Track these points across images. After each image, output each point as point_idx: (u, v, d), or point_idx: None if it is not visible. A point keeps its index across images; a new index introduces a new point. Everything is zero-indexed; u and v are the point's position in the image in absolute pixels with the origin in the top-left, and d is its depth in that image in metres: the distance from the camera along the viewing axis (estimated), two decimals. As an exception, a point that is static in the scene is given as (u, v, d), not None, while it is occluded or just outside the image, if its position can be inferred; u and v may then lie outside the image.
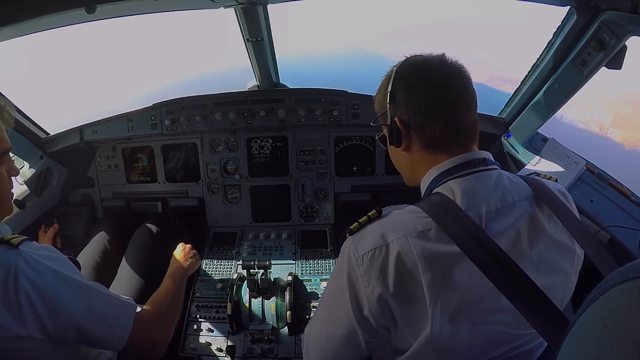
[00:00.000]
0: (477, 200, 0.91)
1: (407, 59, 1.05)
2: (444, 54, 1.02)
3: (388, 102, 1.02)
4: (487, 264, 0.82)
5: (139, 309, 1.37)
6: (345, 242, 0.98)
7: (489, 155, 1.00)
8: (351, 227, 0.98)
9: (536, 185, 0.99)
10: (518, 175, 1.02)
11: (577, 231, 0.93)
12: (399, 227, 0.91)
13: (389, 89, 1.02)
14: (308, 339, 1.13)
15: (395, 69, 1.03)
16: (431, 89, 0.97)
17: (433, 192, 0.98)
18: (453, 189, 0.93)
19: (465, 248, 0.84)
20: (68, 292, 1.16)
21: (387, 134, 1.08)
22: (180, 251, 1.89)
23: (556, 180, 1.13)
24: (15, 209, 2.18)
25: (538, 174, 1.18)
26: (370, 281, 0.89)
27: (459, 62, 1.00)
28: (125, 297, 1.38)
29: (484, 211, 0.90)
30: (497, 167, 0.99)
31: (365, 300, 0.91)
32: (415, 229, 0.89)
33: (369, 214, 0.98)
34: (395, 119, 1.01)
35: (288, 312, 1.92)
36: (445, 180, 0.96)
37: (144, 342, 1.32)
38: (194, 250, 1.93)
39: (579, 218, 0.98)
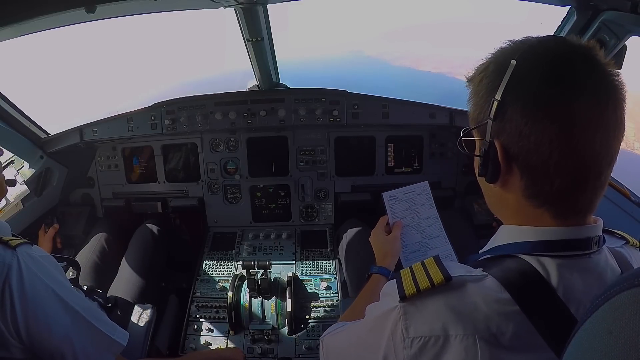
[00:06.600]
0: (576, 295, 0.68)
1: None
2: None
3: (491, 115, 0.70)
4: None
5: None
6: (391, 300, 0.74)
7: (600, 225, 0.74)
8: (404, 286, 0.72)
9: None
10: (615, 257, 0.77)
11: None
12: (468, 316, 0.67)
13: (497, 97, 0.68)
14: (328, 349, 1.01)
15: (515, 61, 0.67)
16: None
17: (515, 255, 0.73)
18: (547, 268, 0.69)
19: None
20: (56, 311, 1.14)
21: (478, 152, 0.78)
22: None
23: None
24: (15, 205, 2.20)
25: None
26: None
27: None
28: (118, 331, 1.33)
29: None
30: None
31: None
32: (488, 328, 0.66)
33: (433, 278, 0.71)
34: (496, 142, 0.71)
35: (288, 312, 1.91)
36: (537, 254, 0.71)
37: None
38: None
39: None
